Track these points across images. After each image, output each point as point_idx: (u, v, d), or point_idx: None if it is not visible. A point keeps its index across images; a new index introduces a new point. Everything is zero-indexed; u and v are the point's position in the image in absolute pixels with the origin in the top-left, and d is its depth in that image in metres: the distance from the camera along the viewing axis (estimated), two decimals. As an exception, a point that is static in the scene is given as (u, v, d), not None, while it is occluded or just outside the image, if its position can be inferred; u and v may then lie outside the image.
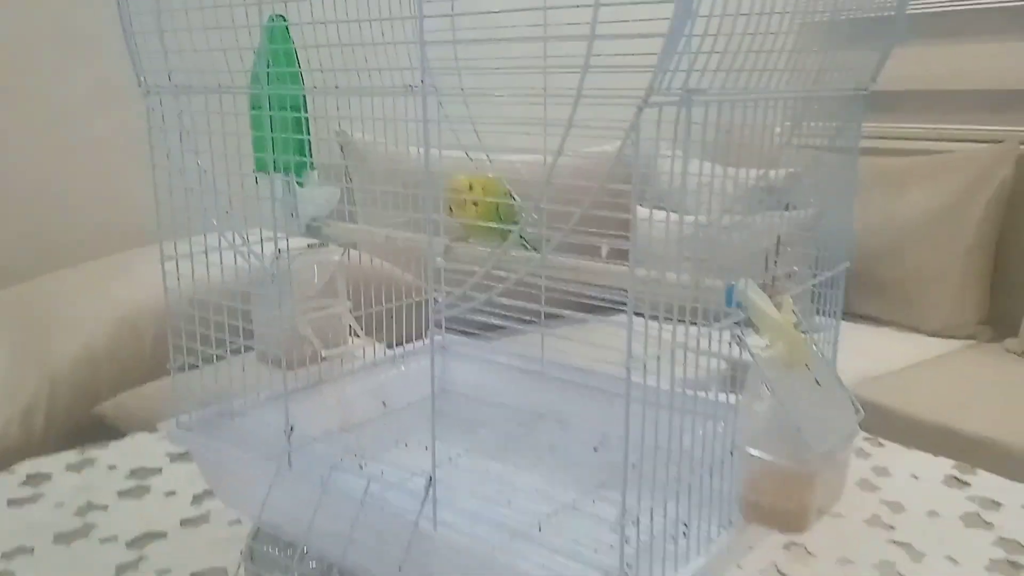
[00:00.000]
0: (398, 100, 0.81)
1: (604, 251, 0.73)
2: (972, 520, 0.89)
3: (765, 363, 0.52)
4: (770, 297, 0.53)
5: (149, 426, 1.27)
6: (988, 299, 2.08)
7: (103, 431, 1.36)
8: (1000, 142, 2.06)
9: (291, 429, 0.63)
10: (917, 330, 2.09)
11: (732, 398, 0.65)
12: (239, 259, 0.69)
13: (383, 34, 0.74)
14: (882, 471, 1.01)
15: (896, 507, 0.92)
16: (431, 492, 0.54)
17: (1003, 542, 0.85)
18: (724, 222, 0.56)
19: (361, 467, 0.71)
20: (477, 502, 0.64)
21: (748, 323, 0.53)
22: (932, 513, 0.91)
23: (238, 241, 0.68)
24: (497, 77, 0.63)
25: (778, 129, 0.57)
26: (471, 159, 0.84)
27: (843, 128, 0.63)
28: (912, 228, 2.09)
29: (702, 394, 0.59)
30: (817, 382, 0.54)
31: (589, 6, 0.41)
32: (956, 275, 2.04)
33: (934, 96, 2.23)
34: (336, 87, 0.77)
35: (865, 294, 2.13)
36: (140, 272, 1.55)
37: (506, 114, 0.70)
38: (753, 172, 0.60)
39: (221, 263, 0.68)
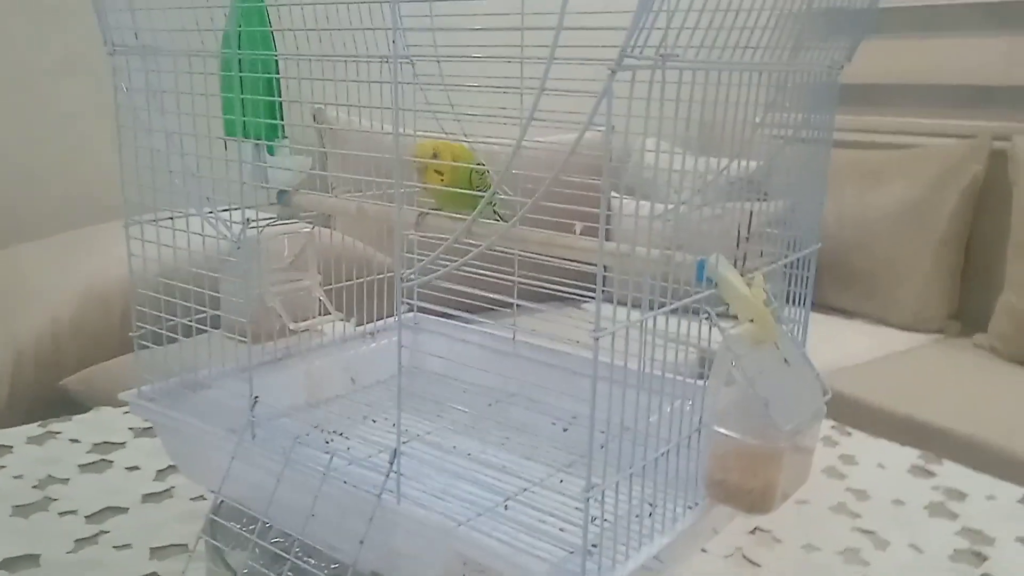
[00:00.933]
0: (373, 72, 0.80)
1: (578, 229, 0.73)
2: (937, 509, 0.90)
3: (733, 340, 0.52)
4: (741, 273, 0.53)
5: (115, 401, 1.25)
6: (958, 294, 2.10)
7: (68, 405, 1.34)
8: (972, 137, 2.08)
9: (255, 400, 0.62)
10: (886, 323, 2.11)
11: (700, 381, 0.65)
12: (207, 227, 0.68)
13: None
14: (849, 459, 1.01)
15: (862, 495, 0.92)
16: (395, 465, 0.54)
17: (967, 532, 0.85)
18: (696, 203, 0.55)
19: (327, 442, 0.70)
20: (443, 478, 0.64)
21: (718, 299, 0.52)
22: (897, 502, 0.91)
23: (206, 208, 0.66)
24: (471, 36, 0.62)
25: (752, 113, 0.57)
26: (446, 133, 0.83)
27: (817, 110, 0.63)
28: (883, 221, 2.10)
29: (671, 374, 0.59)
30: (785, 360, 0.53)
31: None
32: (926, 269, 2.06)
33: (908, 90, 2.24)
34: (309, 54, 0.76)
35: (835, 286, 2.15)
36: (108, 246, 1.52)
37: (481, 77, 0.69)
38: (725, 157, 0.60)
39: (188, 230, 0.67)
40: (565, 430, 0.77)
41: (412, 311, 0.92)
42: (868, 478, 0.96)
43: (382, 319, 0.89)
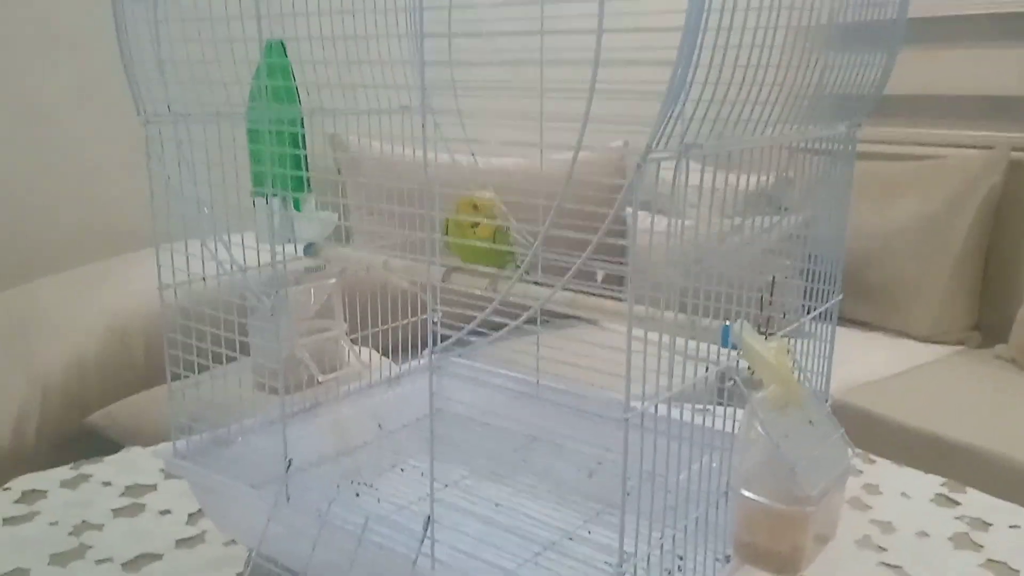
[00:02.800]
0: (394, 117, 0.81)
1: (599, 276, 0.74)
2: (962, 541, 0.90)
3: (759, 403, 0.53)
4: (765, 337, 0.53)
5: (141, 437, 1.27)
6: (978, 305, 2.09)
7: (95, 441, 1.35)
8: (991, 148, 2.08)
9: (289, 463, 0.63)
10: (906, 335, 2.10)
11: (728, 424, 0.66)
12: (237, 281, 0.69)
13: (379, 54, 0.74)
14: (873, 489, 1.01)
15: (887, 527, 0.92)
16: (429, 531, 0.55)
17: (992, 564, 0.86)
18: (721, 232, 0.56)
19: (358, 495, 0.72)
20: (473, 534, 0.65)
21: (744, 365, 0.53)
22: (922, 533, 0.91)
23: (236, 267, 0.68)
24: (494, 98, 0.64)
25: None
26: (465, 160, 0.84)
27: (834, 166, 0.63)
28: (902, 233, 2.10)
29: (699, 422, 0.59)
30: (810, 422, 0.54)
31: (591, 32, 0.42)
32: (946, 280, 2.05)
33: (926, 101, 2.23)
34: (333, 107, 0.78)
35: (854, 299, 2.14)
36: (130, 279, 1.54)
37: (501, 136, 0.71)
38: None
39: (220, 294, 0.68)
40: (590, 475, 0.78)
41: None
42: (893, 509, 0.97)
43: (404, 341, 0.89)
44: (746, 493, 0.53)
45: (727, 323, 0.53)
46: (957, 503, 0.99)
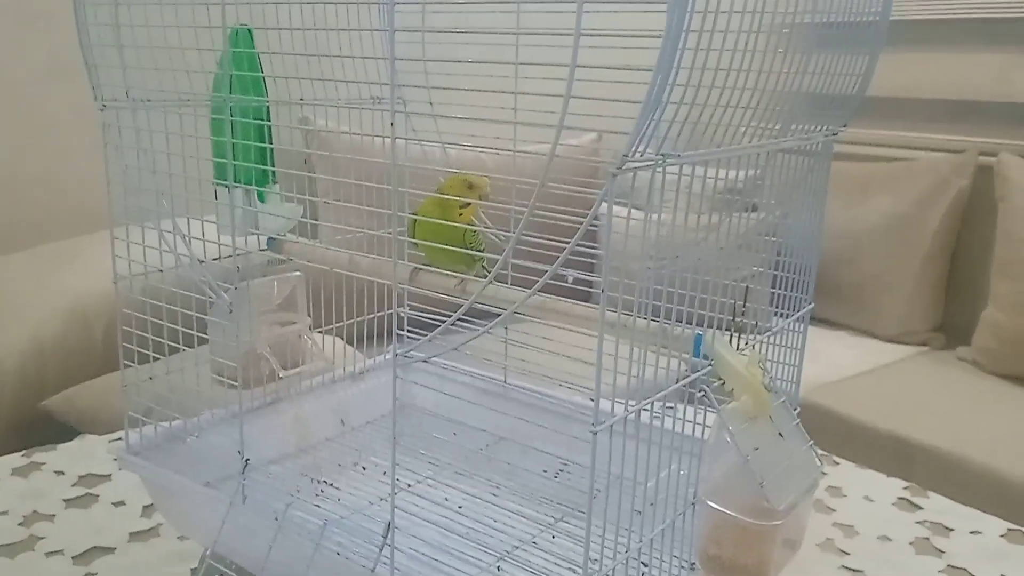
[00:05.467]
0: (365, 110, 0.79)
1: (570, 279, 0.72)
2: (923, 546, 0.91)
3: (729, 414, 0.52)
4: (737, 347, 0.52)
5: (98, 423, 1.24)
6: (942, 307, 2.12)
7: (50, 426, 1.32)
8: (960, 152, 2.09)
9: (246, 463, 0.61)
10: (872, 334, 2.12)
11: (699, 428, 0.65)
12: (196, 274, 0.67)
13: (351, 46, 0.72)
14: (836, 491, 1.02)
15: (849, 531, 0.93)
16: (389, 538, 0.53)
17: (952, 570, 0.86)
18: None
19: (317, 494, 0.70)
20: (434, 540, 0.63)
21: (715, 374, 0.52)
22: (884, 538, 0.92)
23: (195, 260, 0.66)
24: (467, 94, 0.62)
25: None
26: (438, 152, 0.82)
27: (811, 172, 0.63)
28: (870, 233, 2.12)
29: (669, 426, 0.58)
30: (780, 434, 0.53)
31: (567, 39, 0.40)
32: (911, 282, 2.07)
33: (897, 103, 2.24)
34: (301, 99, 0.76)
35: (821, 297, 2.13)
36: (90, 260, 1.50)
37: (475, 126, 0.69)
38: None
39: (179, 289, 0.66)
40: (556, 476, 0.77)
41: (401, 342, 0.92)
42: (855, 512, 0.97)
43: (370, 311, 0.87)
44: (713, 505, 0.52)
45: (699, 332, 0.52)
46: (919, 507, 0.99)
